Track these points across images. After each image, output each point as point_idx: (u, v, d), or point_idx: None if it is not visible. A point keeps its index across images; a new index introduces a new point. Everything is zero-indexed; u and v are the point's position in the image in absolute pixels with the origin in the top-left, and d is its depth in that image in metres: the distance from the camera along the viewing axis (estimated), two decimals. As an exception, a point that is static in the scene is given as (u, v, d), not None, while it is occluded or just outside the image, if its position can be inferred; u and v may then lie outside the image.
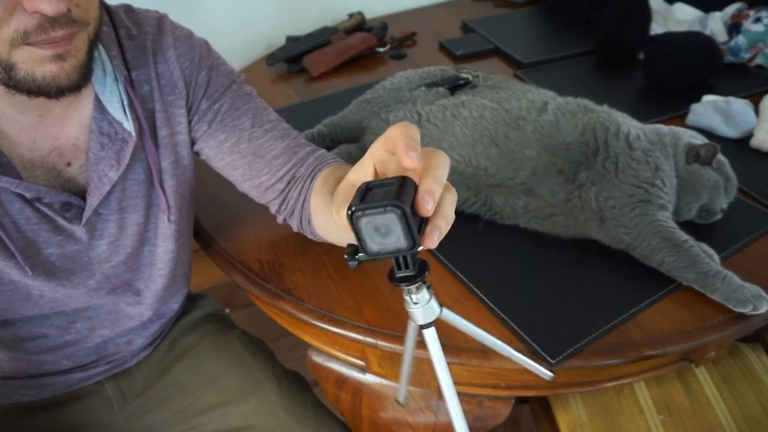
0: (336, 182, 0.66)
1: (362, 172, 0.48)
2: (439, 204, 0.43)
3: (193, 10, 1.32)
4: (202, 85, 0.72)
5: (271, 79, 1.26)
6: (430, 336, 0.47)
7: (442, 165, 0.44)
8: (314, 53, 1.26)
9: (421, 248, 0.42)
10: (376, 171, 0.47)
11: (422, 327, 0.47)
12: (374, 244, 0.42)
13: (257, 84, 1.21)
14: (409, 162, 0.42)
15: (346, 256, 0.44)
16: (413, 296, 0.46)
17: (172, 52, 0.69)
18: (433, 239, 0.43)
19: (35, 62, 0.54)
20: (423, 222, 0.43)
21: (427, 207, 0.41)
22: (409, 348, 0.54)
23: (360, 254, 0.43)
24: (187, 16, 0.90)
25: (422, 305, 0.46)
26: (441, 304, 0.48)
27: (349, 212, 0.41)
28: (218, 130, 0.73)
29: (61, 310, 0.73)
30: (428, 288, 0.47)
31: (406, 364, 0.58)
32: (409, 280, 0.44)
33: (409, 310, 0.47)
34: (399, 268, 0.44)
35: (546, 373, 0.61)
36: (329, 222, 0.68)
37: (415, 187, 0.42)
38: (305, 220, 0.75)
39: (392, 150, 0.43)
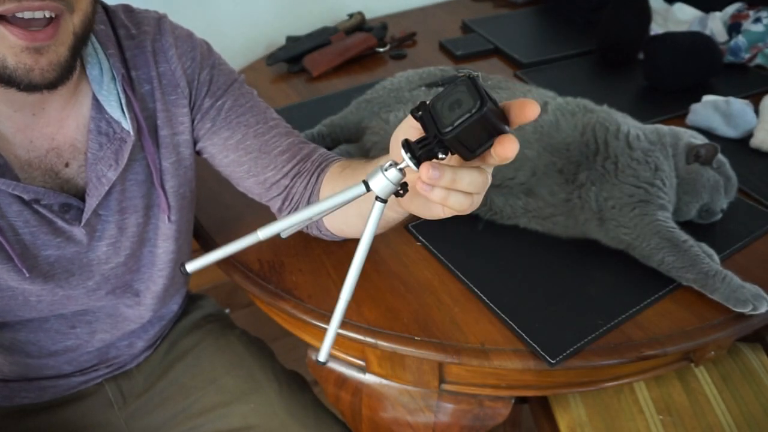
0: (365, 168, 0.66)
1: None
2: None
3: (193, 10, 1.32)
4: (204, 84, 0.72)
5: (271, 79, 1.26)
6: (379, 209, 0.47)
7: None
8: (314, 53, 1.26)
9: (487, 108, 0.43)
10: None
11: (366, 186, 0.47)
12: (450, 119, 0.43)
13: (257, 84, 1.21)
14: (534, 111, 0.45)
15: (417, 108, 0.46)
16: (392, 168, 0.46)
17: (174, 52, 0.69)
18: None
19: (8, 48, 0.52)
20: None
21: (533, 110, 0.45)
22: (371, 227, 0.48)
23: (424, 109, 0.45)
24: (187, 15, 0.90)
25: (389, 179, 0.46)
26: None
27: (423, 106, 0.45)
28: (222, 127, 0.73)
29: (60, 313, 0.72)
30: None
31: (359, 260, 0.48)
32: (413, 153, 0.45)
33: (380, 172, 0.46)
34: (423, 144, 0.45)
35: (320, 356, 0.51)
36: (346, 208, 0.68)
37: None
38: None
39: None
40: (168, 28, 0.70)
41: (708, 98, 1.05)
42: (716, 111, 1.01)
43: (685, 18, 1.35)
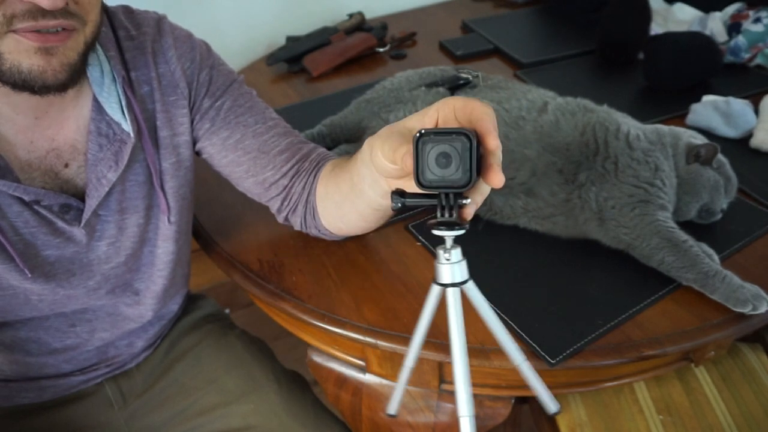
0: (349, 164, 0.66)
1: (423, 121, 0.49)
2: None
3: (193, 11, 1.32)
4: (203, 84, 0.72)
5: (271, 79, 1.26)
6: (454, 298, 0.44)
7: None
8: (314, 53, 1.26)
9: (471, 185, 0.43)
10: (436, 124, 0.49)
11: (446, 286, 0.44)
12: (432, 173, 0.43)
13: (257, 84, 1.21)
14: (495, 144, 0.43)
15: (392, 197, 0.45)
16: (447, 250, 0.44)
17: (173, 53, 0.69)
18: (495, 177, 0.44)
19: (21, 53, 0.53)
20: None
21: (496, 161, 0.43)
22: (427, 315, 0.47)
23: (406, 196, 0.45)
24: (187, 16, 0.90)
25: (453, 262, 0.44)
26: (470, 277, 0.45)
27: (418, 134, 0.43)
28: (222, 127, 0.73)
29: (61, 312, 0.72)
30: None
31: (418, 341, 0.49)
32: (450, 226, 0.43)
33: (439, 265, 0.44)
34: (442, 213, 0.44)
35: (551, 407, 0.53)
36: (340, 204, 0.69)
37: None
38: (310, 214, 0.75)
39: (467, 119, 0.44)
40: (167, 29, 0.70)
41: (708, 98, 1.05)
42: (716, 111, 1.01)
43: (685, 18, 1.35)
